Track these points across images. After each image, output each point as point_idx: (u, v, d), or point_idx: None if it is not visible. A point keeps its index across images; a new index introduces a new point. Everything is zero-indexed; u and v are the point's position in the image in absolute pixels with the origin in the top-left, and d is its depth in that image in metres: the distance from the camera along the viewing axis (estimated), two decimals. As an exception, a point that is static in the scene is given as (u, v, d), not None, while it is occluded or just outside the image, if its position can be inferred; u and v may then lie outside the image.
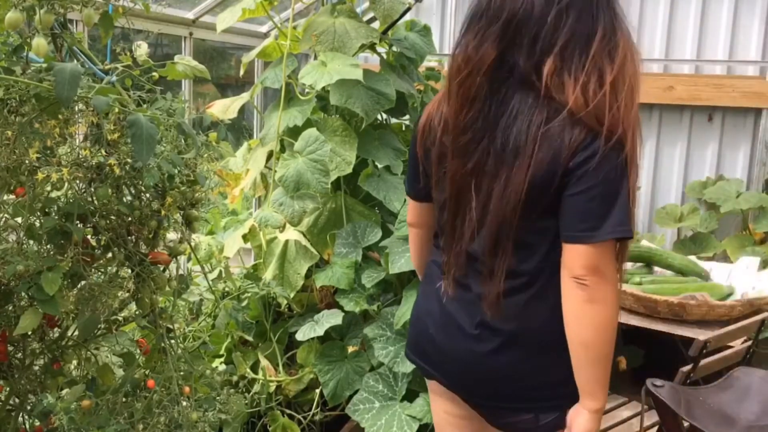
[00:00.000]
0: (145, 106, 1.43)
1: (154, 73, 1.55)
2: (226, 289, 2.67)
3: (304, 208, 2.57)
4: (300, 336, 2.68)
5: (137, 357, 1.57)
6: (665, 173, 3.65)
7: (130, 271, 1.46)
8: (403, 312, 2.58)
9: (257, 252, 2.97)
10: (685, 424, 1.95)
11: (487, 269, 1.40)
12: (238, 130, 3.78)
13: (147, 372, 1.55)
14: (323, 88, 2.63)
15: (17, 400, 1.50)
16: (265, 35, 3.59)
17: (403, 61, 3.08)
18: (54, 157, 1.33)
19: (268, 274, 2.73)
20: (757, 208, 3.26)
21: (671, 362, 2.35)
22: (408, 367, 2.41)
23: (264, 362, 2.60)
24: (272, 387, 2.59)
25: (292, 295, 2.70)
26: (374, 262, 2.82)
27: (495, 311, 1.40)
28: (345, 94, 2.68)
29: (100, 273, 1.46)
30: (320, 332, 2.57)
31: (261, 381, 2.53)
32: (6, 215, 1.33)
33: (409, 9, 2.97)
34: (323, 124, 2.77)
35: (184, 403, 1.50)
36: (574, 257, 1.32)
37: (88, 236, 1.43)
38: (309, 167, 2.54)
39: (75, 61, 1.46)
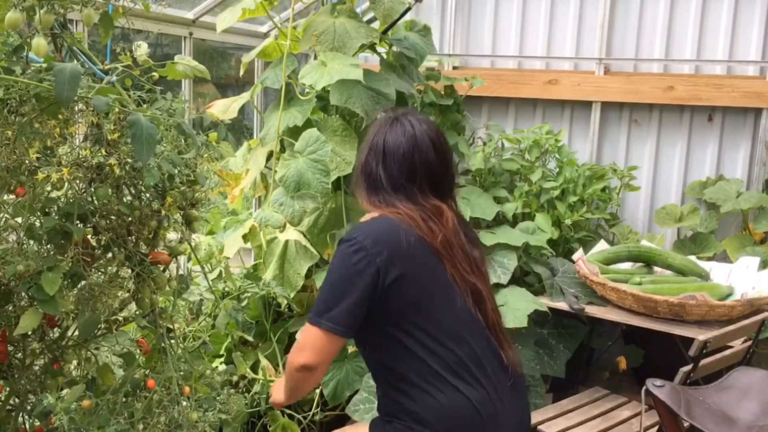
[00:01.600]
0: (145, 106, 1.43)
1: (154, 73, 1.55)
2: (226, 289, 2.67)
3: (305, 208, 2.57)
4: (300, 336, 2.68)
5: (137, 357, 1.57)
6: (665, 173, 3.65)
7: (130, 271, 1.46)
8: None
9: (257, 252, 2.97)
10: (685, 424, 1.95)
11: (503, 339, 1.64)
12: (239, 130, 3.78)
13: (147, 372, 1.55)
14: (323, 88, 2.63)
15: (17, 400, 1.50)
16: (265, 35, 3.59)
17: (403, 61, 3.08)
18: (54, 157, 1.33)
19: (268, 274, 2.73)
20: (757, 208, 3.25)
21: (671, 362, 2.35)
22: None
23: (264, 362, 2.60)
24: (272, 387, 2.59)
25: (292, 295, 2.70)
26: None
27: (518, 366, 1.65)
28: (345, 94, 2.68)
29: (100, 273, 1.46)
30: (320, 332, 2.56)
31: (261, 381, 2.53)
32: (6, 215, 1.33)
33: (409, 9, 2.96)
34: (323, 124, 2.77)
35: (184, 403, 1.50)
36: None
37: (88, 236, 1.43)
38: (310, 167, 2.54)
39: (75, 61, 1.46)
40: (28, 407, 1.51)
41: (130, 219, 1.45)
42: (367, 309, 1.50)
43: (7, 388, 1.47)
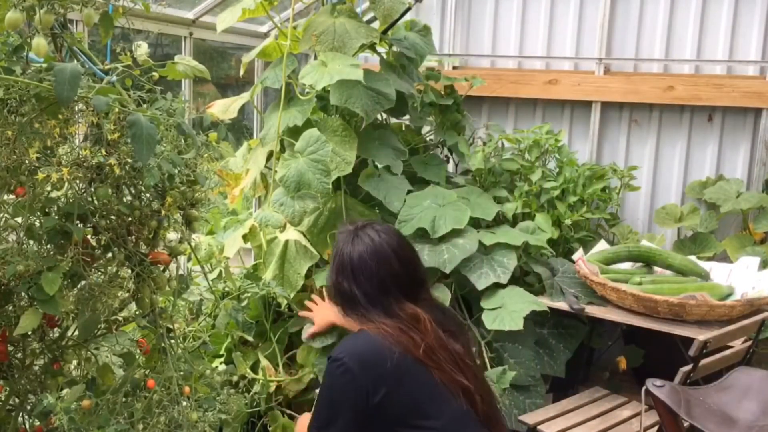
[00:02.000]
0: (145, 106, 1.43)
1: (154, 73, 1.55)
2: (226, 289, 2.66)
3: (305, 208, 2.57)
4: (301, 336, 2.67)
5: (137, 357, 1.57)
6: (665, 173, 3.64)
7: (130, 271, 1.46)
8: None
9: (257, 252, 2.97)
10: (685, 424, 1.95)
11: None
12: (238, 130, 3.78)
13: (147, 372, 1.55)
14: (323, 88, 2.63)
15: (17, 400, 1.50)
16: (265, 35, 3.59)
17: (403, 61, 3.08)
18: (54, 157, 1.33)
19: (268, 274, 2.73)
20: (757, 208, 3.25)
21: (671, 362, 2.35)
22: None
23: (264, 362, 2.60)
24: (272, 387, 2.59)
25: (292, 295, 2.70)
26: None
27: None
28: (345, 95, 2.68)
29: (100, 273, 1.46)
30: (320, 332, 2.56)
31: (261, 381, 2.53)
32: (6, 215, 1.33)
33: (409, 9, 2.96)
34: (323, 124, 2.77)
35: (184, 403, 1.50)
36: None
37: (88, 236, 1.43)
38: (310, 167, 2.54)
39: (75, 61, 1.46)
40: (28, 407, 1.50)
41: (130, 219, 1.45)
42: (361, 423, 1.58)
43: (7, 388, 1.47)
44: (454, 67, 3.94)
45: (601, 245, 3.17)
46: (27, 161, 1.30)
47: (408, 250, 1.75)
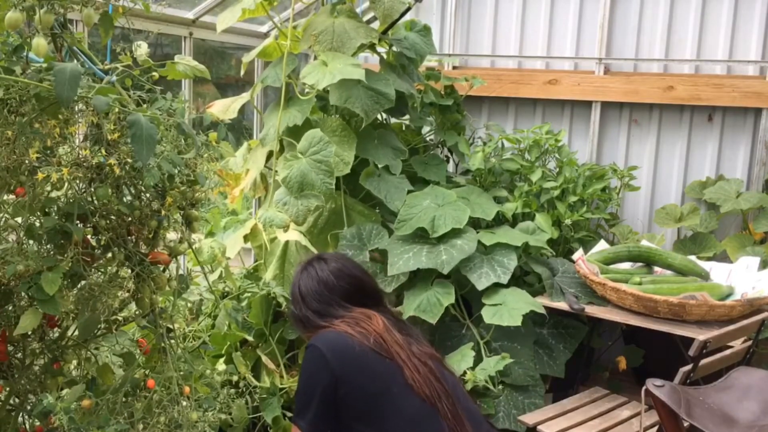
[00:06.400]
0: (145, 106, 1.43)
1: (154, 73, 1.55)
2: (226, 289, 2.66)
3: (309, 207, 2.56)
4: (301, 336, 2.67)
5: (137, 357, 1.57)
6: (665, 173, 3.64)
7: (130, 271, 1.46)
8: (404, 311, 2.59)
9: (258, 252, 2.97)
10: (685, 424, 1.95)
11: None
12: (238, 130, 3.78)
13: (147, 372, 1.55)
14: (324, 88, 2.63)
15: (17, 400, 1.50)
16: (265, 35, 3.59)
17: (403, 61, 3.08)
18: (54, 157, 1.33)
19: (269, 274, 2.73)
20: (757, 208, 3.25)
21: (671, 362, 2.35)
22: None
23: (264, 359, 2.59)
24: (281, 384, 2.58)
25: (292, 295, 2.69)
26: (377, 262, 2.83)
27: None
28: (345, 95, 2.68)
29: (100, 273, 1.46)
30: (320, 332, 2.55)
31: (268, 387, 2.52)
32: (6, 215, 1.33)
33: (409, 9, 2.97)
34: (323, 124, 2.77)
35: (184, 403, 1.50)
36: None
37: (88, 236, 1.43)
38: (313, 168, 2.53)
39: (75, 61, 1.46)
40: (28, 407, 1.51)
41: (130, 219, 1.45)
42: (335, 406, 1.68)
43: (7, 388, 1.47)
44: (454, 67, 3.94)
45: (601, 245, 3.16)
46: (27, 161, 1.30)
47: (353, 269, 1.90)
